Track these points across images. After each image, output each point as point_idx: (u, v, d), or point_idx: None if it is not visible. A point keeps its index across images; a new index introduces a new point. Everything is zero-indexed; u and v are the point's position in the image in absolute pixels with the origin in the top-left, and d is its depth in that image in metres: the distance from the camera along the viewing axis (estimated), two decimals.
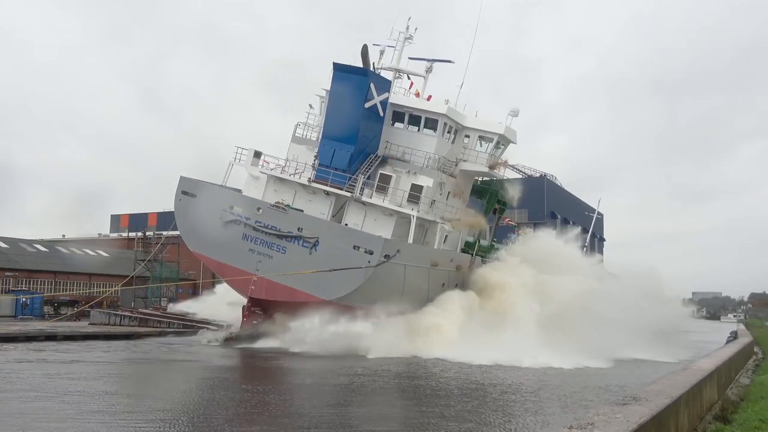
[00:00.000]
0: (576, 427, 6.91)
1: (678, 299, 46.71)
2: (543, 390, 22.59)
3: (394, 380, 24.76)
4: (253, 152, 40.82)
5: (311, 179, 38.65)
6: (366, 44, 38.61)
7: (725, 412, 13.00)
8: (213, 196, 38.41)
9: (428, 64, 44.08)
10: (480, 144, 42.97)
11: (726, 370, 17.34)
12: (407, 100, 41.89)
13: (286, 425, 16.24)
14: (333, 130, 38.64)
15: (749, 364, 24.22)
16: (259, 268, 35.90)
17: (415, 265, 36.59)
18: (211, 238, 37.29)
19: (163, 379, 25.08)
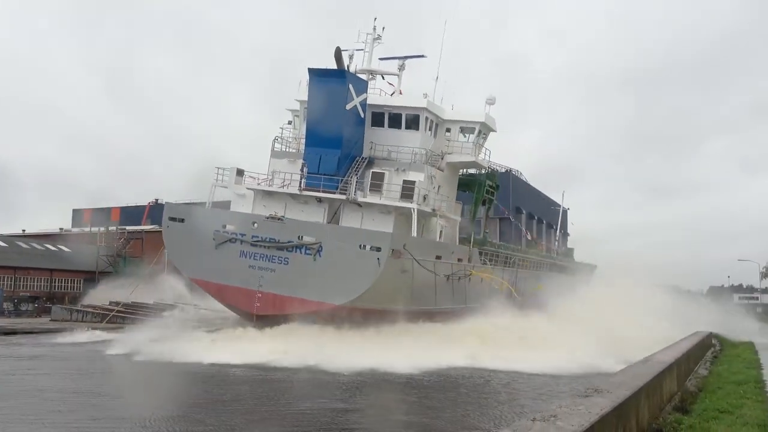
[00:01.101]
0: (539, 419, 7.01)
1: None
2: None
3: None
4: (235, 170, 40.58)
5: (302, 188, 38.40)
6: (339, 46, 38.33)
7: (684, 402, 13.38)
8: (203, 218, 37.78)
9: (400, 62, 44.46)
10: (462, 135, 43.60)
11: (685, 362, 17.80)
12: (385, 99, 42.60)
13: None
14: (316, 136, 38.71)
15: (707, 356, 24.83)
16: (263, 284, 34.73)
17: (422, 259, 35.92)
18: (206, 261, 36.32)
19: None
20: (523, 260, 53.38)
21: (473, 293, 42.15)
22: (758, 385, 16.63)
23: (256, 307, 34.71)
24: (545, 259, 62.58)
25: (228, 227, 36.46)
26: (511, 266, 49.62)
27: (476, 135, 43.36)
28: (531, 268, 55.05)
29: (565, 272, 67.46)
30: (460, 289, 40.59)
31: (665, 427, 10.67)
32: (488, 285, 43.69)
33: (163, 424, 15.83)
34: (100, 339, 37.57)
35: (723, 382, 16.93)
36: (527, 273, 53.16)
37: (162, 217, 40.21)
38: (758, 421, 11.70)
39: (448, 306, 39.37)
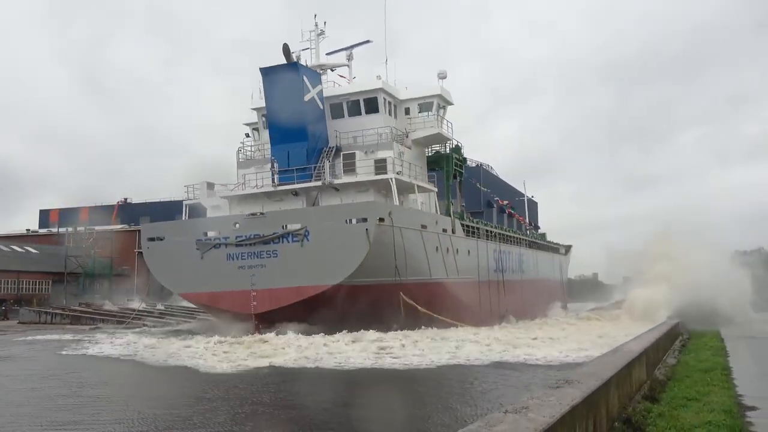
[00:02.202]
0: (511, 411, 7.07)
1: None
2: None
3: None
4: (205, 184, 41.04)
5: (276, 184, 38.44)
6: (286, 43, 38.47)
7: (653, 391, 13.57)
8: (182, 230, 37.60)
9: (348, 52, 44.45)
10: (422, 112, 44.32)
11: (654, 351, 18.07)
12: (340, 89, 42.61)
13: None
14: (281, 132, 39.01)
15: (676, 345, 25.19)
16: (255, 282, 34.41)
17: (409, 228, 35.80)
18: (194, 273, 36.07)
19: None
20: (504, 236, 53.70)
21: (465, 265, 42.26)
22: (724, 372, 16.98)
23: (253, 306, 34.51)
24: (524, 237, 63.17)
25: (210, 234, 36.36)
26: (492, 240, 49.84)
27: (435, 109, 43.95)
28: (512, 243, 55.42)
29: (544, 249, 68.43)
30: (450, 260, 40.61)
31: (635, 415, 10.86)
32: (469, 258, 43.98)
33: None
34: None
35: (691, 371, 17.25)
36: (509, 248, 53.53)
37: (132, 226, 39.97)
38: (724, 407, 11.99)
39: (443, 277, 39.33)
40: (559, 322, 46.84)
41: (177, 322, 43.93)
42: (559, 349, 27.98)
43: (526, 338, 33.31)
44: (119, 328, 43.23)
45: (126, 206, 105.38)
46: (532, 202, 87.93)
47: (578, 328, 41.32)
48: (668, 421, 10.88)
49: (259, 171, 40.35)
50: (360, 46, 46.13)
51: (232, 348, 29.39)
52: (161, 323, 45.82)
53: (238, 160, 42.72)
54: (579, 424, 8.20)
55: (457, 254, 41.71)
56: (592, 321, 47.71)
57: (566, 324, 44.89)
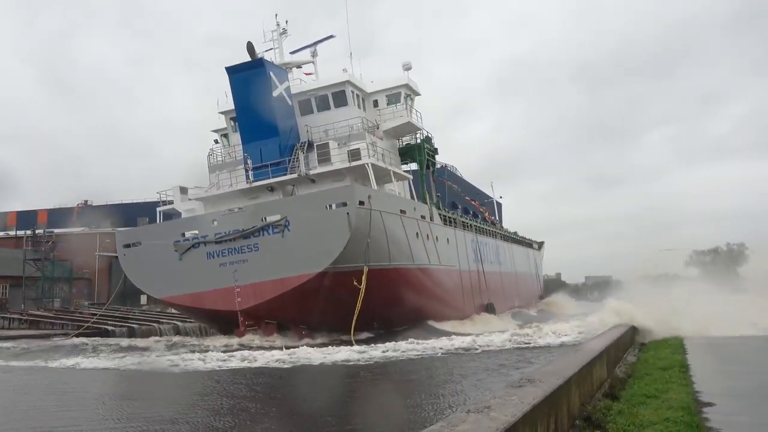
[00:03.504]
0: (474, 411, 7.14)
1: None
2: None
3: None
4: (178, 189, 41.02)
5: (251, 181, 38.56)
6: (250, 41, 38.68)
7: (613, 389, 13.76)
8: (158, 234, 37.41)
9: (312, 49, 44.59)
10: (390, 104, 44.64)
11: (615, 350, 18.34)
12: (307, 85, 43.01)
13: None
14: (252, 130, 38.89)
15: (636, 342, 25.55)
16: (238, 278, 34.20)
17: (389, 212, 35.86)
18: (174, 275, 35.83)
19: None
20: (480, 228, 54.13)
21: (445, 253, 42.46)
22: (683, 369, 17.34)
23: (237, 302, 34.23)
24: (498, 231, 63.82)
25: (188, 234, 36.00)
26: (469, 230, 50.13)
27: (403, 99, 44.30)
28: (488, 235, 55.86)
29: (519, 244, 69.13)
30: (431, 247, 40.70)
31: (595, 413, 11.07)
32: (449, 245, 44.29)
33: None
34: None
35: (650, 368, 17.57)
36: (486, 239, 53.96)
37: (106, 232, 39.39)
38: (682, 404, 12.27)
39: (425, 264, 39.44)
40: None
41: (140, 326, 43.20)
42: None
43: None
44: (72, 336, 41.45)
45: (87, 208, 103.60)
46: (498, 204, 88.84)
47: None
48: (627, 418, 11.12)
49: (231, 171, 40.38)
50: (323, 41, 46.21)
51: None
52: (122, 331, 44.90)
53: (209, 164, 42.70)
54: (541, 423, 8.34)
55: (437, 242, 41.85)
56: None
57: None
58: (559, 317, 47.25)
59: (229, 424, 14.46)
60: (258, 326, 34.18)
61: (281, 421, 14.98)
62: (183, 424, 14.10)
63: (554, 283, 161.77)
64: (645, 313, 27.23)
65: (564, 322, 37.19)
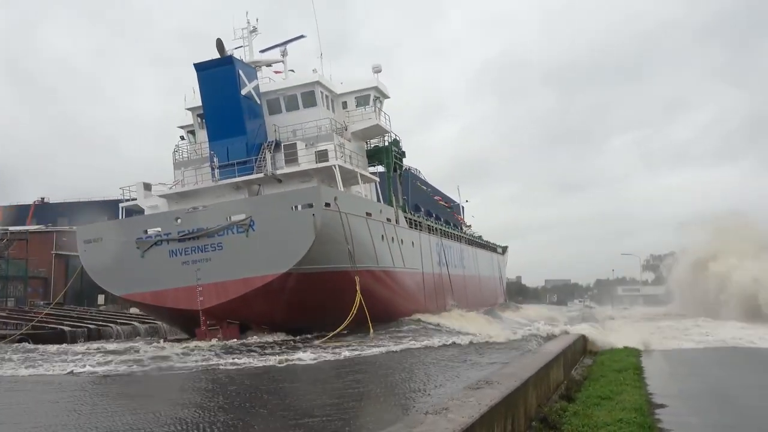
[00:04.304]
0: (432, 413, 7.21)
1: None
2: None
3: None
4: (142, 185, 40.29)
5: (216, 179, 38.04)
6: (219, 38, 38.06)
7: (570, 391, 13.93)
8: (120, 230, 36.48)
9: (282, 48, 44.48)
10: (359, 106, 44.52)
11: (571, 352, 18.53)
12: (276, 84, 42.90)
13: None
14: (219, 128, 38.36)
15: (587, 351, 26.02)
16: (201, 277, 33.45)
17: (354, 214, 35.53)
18: (135, 273, 34.89)
19: None
20: (445, 231, 54.40)
21: (409, 256, 42.70)
22: (637, 371, 17.75)
23: (200, 301, 33.52)
24: (463, 234, 64.19)
25: (150, 231, 35.42)
26: (435, 234, 50.36)
27: (372, 102, 44.37)
28: (453, 239, 56.17)
29: (483, 248, 69.68)
30: (396, 249, 40.66)
31: (551, 414, 11.28)
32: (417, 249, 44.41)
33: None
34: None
35: (606, 370, 17.93)
36: (450, 243, 54.27)
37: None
38: (635, 405, 12.57)
39: (389, 266, 39.47)
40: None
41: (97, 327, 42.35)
42: None
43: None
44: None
45: (43, 206, 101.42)
46: (461, 208, 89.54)
47: None
48: (582, 420, 11.35)
49: (197, 169, 39.92)
50: (294, 41, 45.96)
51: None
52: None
53: (174, 160, 42.11)
54: (497, 424, 8.48)
55: (402, 244, 41.97)
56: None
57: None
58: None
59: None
60: (220, 326, 33.88)
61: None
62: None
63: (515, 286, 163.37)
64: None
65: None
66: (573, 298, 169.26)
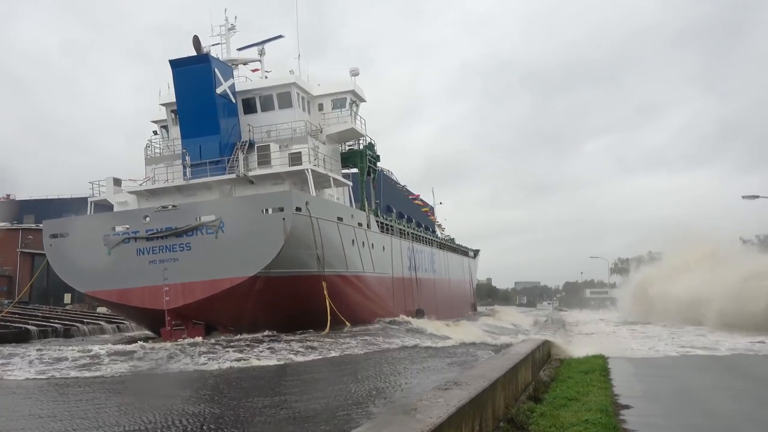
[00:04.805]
0: (400, 413, 7.22)
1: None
2: None
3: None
4: (112, 180, 39.87)
5: (188, 178, 37.71)
6: (196, 35, 37.80)
7: (537, 392, 14.05)
8: (87, 226, 36.03)
9: (260, 47, 44.29)
10: (335, 108, 44.57)
11: (540, 354, 18.63)
12: (252, 83, 42.78)
13: None
14: (192, 126, 38.09)
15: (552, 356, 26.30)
16: (168, 276, 33.18)
17: (325, 219, 35.58)
18: (101, 270, 34.41)
19: None
20: (416, 235, 54.53)
21: (380, 260, 42.73)
22: (603, 373, 17.97)
23: (165, 301, 33.30)
24: (435, 238, 64.48)
25: (118, 228, 34.97)
26: (406, 238, 50.43)
27: (348, 105, 44.40)
28: (424, 243, 56.35)
29: (454, 252, 70.06)
30: (366, 254, 40.78)
31: (518, 415, 11.36)
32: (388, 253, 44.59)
33: None
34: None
35: (573, 372, 18.12)
36: (422, 247, 54.42)
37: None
38: (601, 406, 12.71)
39: (359, 271, 39.52)
40: None
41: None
42: None
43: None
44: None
45: (8, 203, 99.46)
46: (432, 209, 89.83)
47: None
48: (549, 420, 11.46)
49: (169, 166, 39.51)
50: (272, 41, 45.77)
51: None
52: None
53: (146, 156, 41.70)
54: (465, 425, 8.51)
55: (373, 249, 42.07)
56: None
57: None
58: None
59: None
60: (186, 326, 33.63)
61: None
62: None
63: (485, 287, 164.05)
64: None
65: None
66: (542, 300, 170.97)
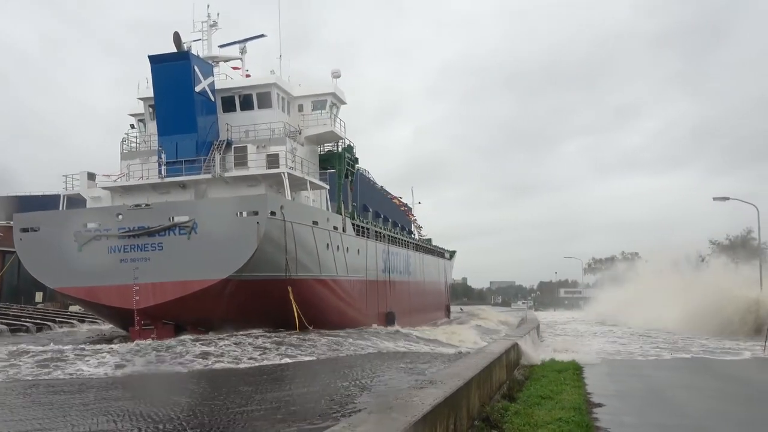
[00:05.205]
0: (375, 411, 7.23)
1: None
2: None
3: None
4: (86, 174, 39.19)
5: (163, 176, 37.21)
6: (177, 32, 37.39)
7: (512, 391, 14.11)
8: (60, 221, 35.28)
9: (241, 46, 43.91)
10: (315, 110, 44.32)
11: (514, 353, 18.75)
12: (233, 81, 42.41)
13: None
14: (169, 123, 37.59)
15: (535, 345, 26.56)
16: (138, 276, 32.64)
17: (300, 223, 35.24)
18: (72, 266, 33.71)
19: None
20: (392, 237, 54.54)
21: (354, 264, 42.61)
22: (576, 372, 18.18)
23: (135, 301, 32.78)
24: (411, 240, 64.51)
25: (90, 225, 34.32)
26: (381, 241, 50.38)
27: (329, 107, 44.21)
28: (400, 245, 56.39)
29: (430, 254, 70.27)
30: (340, 258, 40.54)
31: (493, 414, 11.41)
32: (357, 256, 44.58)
33: None
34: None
35: (546, 371, 18.31)
36: (397, 249, 54.46)
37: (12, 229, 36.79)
38: (574, 404, 12.85)
39: (332, 275, 39.30)
40: None
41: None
42: None
43: None
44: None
45: None
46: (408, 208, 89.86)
47: None
48: (523, 419, 11.55)
49: (144, 162, 38.98)
50: (253, 40, 45.41)
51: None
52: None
53: (121, 150, 40.98)
54: (440, 423, 8.54)
55: (347, 252, 41.93)
56: None
57: None
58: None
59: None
60: (155, 326, 33.39)
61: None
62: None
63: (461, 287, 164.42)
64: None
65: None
66: (517, 299, 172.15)
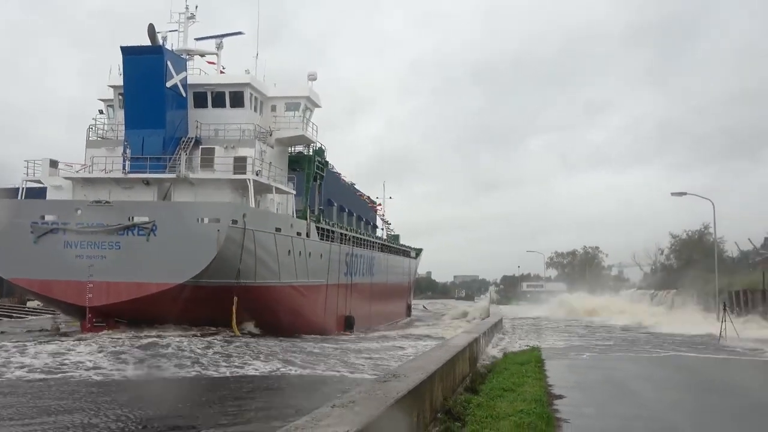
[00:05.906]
0: (338, 405, 7.24)
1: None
2: None
3: None
4: (48, 161, 38.13)
5: (126, 171, 36.52)
6: (152, 23, 36.81)
7: (474, 383, 14.23)
8: (15, 211, 34.35)
9: (218, 41, 43.46)
10: (288, 112, 43.87)
11: (477, 346, 18.91)
12: (207, 78, 41.77)
13: None
14: (137, 117, 37.01)
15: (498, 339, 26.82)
16: (93, 273, 32.18)
17: (262, 230, 35.08)
18: (25, 258, 33.15)
19: None
20: (357, 239, 54.50)
21: (316, 268, 42.37)
22: (538, 364, 18.42)
23: (88, 298, 32.35)
24: (377, 240, 64.57)
25: (47, 217, 33.76)
26: (346, 243, 50.27)
27: (302, 110, 43.84)
28: (365, 247, 56.39)
29: (396, 253, 70.45)
30: (302, 263, 40.31)
31: (455, 406, 11.51)
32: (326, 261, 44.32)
33: None
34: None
35: (509, 363, 18.52)
36: (361, 251, 54.46)
37: None
38: (535, 396, 13.02)
39: (292, 281, 39.06)
40: None
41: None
42: None
43: None
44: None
45: None
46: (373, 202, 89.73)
47: None
48: (485, 411, 11.66)
49: (109, 154, 38.11)
50: (230, 36, 44.80)
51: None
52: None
53: (87, 138, 40.00)
54: (404, 416, 8.57)
55: (309, 258, 41.70)
56: None
57: None
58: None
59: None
60: (107, 325, 33.06)
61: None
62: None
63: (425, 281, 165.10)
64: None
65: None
66: (480, 293, 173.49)
